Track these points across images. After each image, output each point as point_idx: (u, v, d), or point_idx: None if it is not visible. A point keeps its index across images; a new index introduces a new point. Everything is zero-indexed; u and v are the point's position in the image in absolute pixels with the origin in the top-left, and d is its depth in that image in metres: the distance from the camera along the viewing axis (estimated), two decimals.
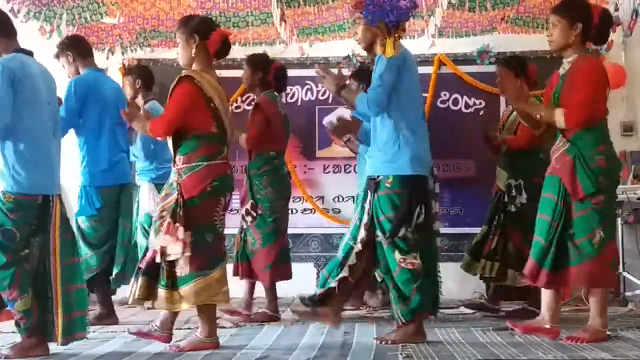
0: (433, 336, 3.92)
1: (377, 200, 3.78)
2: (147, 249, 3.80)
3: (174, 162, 3.72)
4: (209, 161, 3.68)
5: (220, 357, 3.38)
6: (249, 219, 4.81)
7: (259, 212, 4.81)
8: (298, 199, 6.42)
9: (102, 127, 4.72)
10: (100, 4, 5.49)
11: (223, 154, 3.77)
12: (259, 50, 6.39)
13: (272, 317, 4.78)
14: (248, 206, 4.81)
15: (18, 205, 3.47)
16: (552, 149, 3.84)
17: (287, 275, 4.94)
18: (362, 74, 5.08)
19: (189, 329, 4.21)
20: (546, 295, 3.77)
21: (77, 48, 4.80)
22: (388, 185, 3.76)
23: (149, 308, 5.38)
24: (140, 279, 3.63)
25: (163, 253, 3.58)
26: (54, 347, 3.57)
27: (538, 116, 3.83)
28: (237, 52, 6.20)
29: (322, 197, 6.40)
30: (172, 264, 3.60)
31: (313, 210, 6.43)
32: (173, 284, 3.59)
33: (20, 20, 5.29)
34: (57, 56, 4.83)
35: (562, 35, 3.75)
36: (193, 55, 3.73)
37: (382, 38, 3.80)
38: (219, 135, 3.76)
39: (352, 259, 3.78)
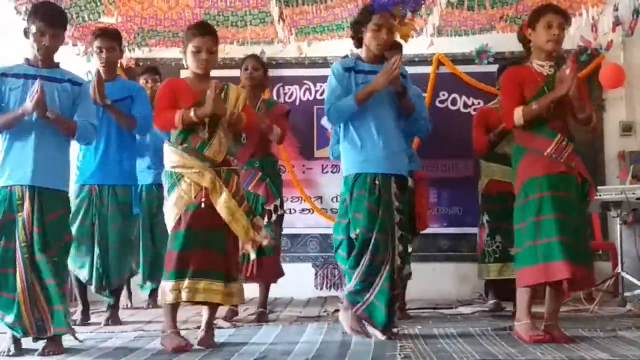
0: (432, 336, 3.91)
1: (406, 199, 3.98)
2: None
3: (227, 160, 3.74)
4: None
5: (219, 357, 3.36)
6: (274, 216, 4.80)
7: (282, 211, 4.88)
8: (296, 199, 6.41)
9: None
10: (98, 3, 5.47)
11: None
12: (256, 49, 6.41)
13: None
14: (277, 203, 4.83)
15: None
16: (553, 146, 3.67)
17: None
18: None
19: (187, 329, 4.19)
20: (525, 298, 3.72)
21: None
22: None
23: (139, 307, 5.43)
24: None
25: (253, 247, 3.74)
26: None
27: (581, 112, 3.72)
28: (235, 51, 6.22)
29: (321, 197, 6.39)
30: None
31: (311, 211, 6.43)
32: (228, 279, 3.66)
33: (22, 19, 5.27)
34: (114, 39, 4.71)
35: (563, 40, 3.81)
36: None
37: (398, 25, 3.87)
38: None
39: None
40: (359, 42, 4.06)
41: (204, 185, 3.63)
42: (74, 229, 4.29)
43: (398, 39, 4.00)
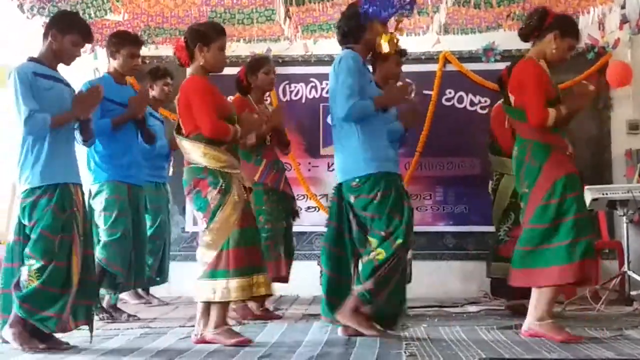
0: (437, 335, 3.91)
1: None
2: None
3: None
4: None
5: (224, 355, 3.36)
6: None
7: None
8: (302, 197, 6.41)
9: None
10: (105, 1, 5.47)
11: None
12: (263, 47, 6.40)
13: None
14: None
15: None
16: (570, 146, 3.75)
17: None
18: None
19: (192, 326, 4.19)
20: (552, 297, 3.71)
21: None
22: None
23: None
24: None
25: None
26: None
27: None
28: (242, 49, 6.22)
29: (326, 195, 6.37)
30: None
31: (317, 208, 6.42)
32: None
33: (26, 17, 5.29)
34: (141, 46, 4.80)
35: None
36: None
37: (380, 35, 3.84)
38: None
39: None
40: (356, 39, 3.93)
41: (247, 186, 3.73)
42: (120, 224, 4.46)
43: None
